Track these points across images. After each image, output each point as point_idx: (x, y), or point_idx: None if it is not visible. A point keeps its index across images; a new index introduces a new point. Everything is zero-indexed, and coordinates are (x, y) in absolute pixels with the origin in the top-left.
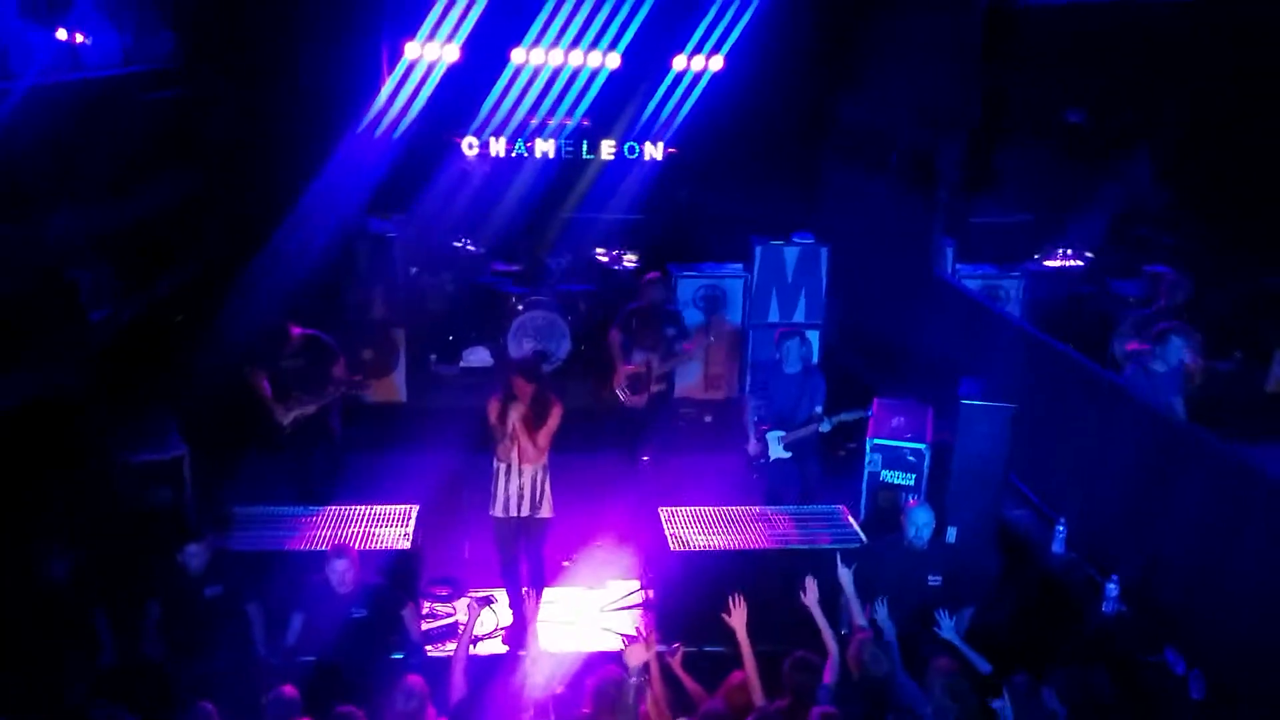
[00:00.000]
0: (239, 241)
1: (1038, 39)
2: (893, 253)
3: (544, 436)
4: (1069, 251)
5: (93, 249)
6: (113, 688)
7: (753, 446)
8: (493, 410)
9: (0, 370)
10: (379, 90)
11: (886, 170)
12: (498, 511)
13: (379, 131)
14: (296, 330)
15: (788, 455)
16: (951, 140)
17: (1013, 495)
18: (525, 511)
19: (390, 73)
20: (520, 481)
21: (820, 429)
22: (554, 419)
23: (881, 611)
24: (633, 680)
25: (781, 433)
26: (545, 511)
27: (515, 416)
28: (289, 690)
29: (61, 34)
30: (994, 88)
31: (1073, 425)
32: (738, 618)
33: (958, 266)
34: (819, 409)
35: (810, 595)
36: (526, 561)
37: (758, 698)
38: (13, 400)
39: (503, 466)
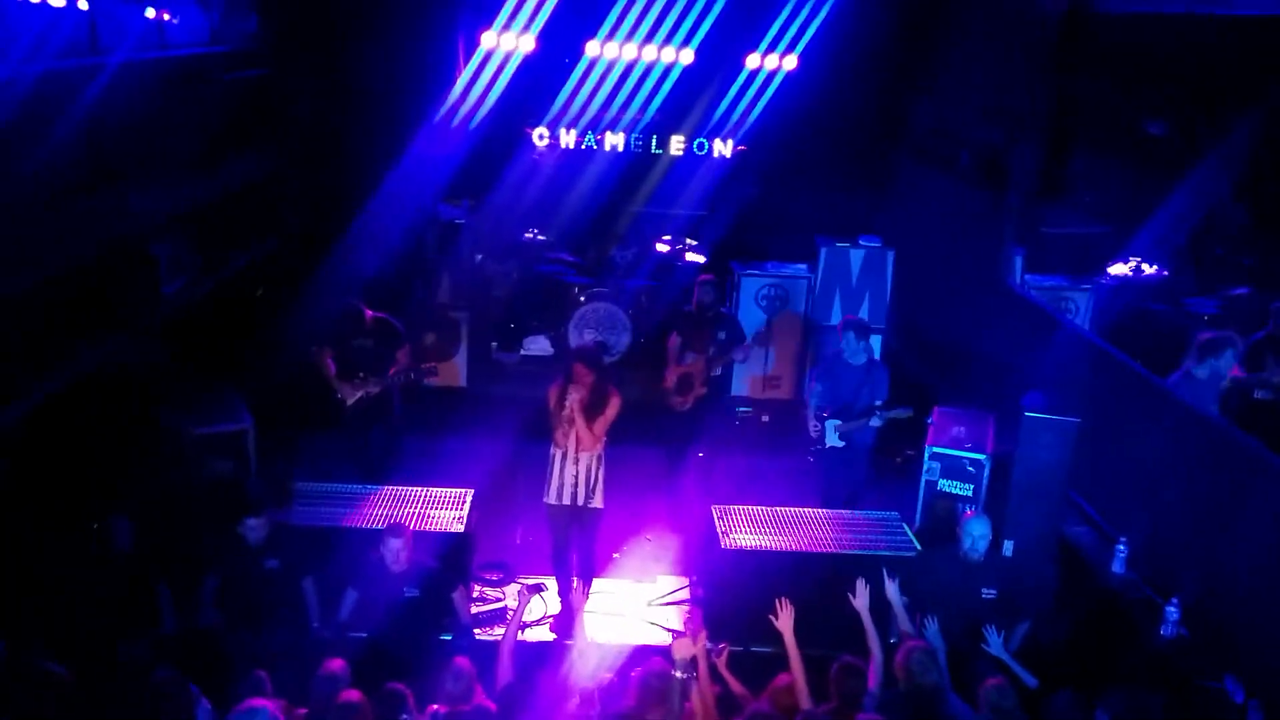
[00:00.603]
0: (315, 222)
1: (1115, 47)
2: (961, 259)
3: (600, 425)
4: (1141, 267)
5: (173, 223)
6: (171, 656)
7: (813, 427)
8: (553, 395)
9: (75, 339)
10: (455, 79)
11: (957, 173)
12: (551, 498)
13: (456, 121)
14: (369, 312)
15: (841, 444)
16: (1024, 146)
17: (1074, 511)
18: (580, 500)
19: (467, 62)
20: (576, 469)
21: (871, 422)
22: (612, 409)
23: (931, 628)
24: (679, 675)
25: (838, 421)
26: (597, 502)
27: (574, 402)
28: (337, 664)
29: (150, 12)
30: (1068, 95)
31: (1138, 443)
32: (785, 621)
33: (1026, 276)
34: (879, 402)
35: (860, 598)
36: (577, 551)
37: (804, 701)
38: (84, 369)
39: (559, 453)
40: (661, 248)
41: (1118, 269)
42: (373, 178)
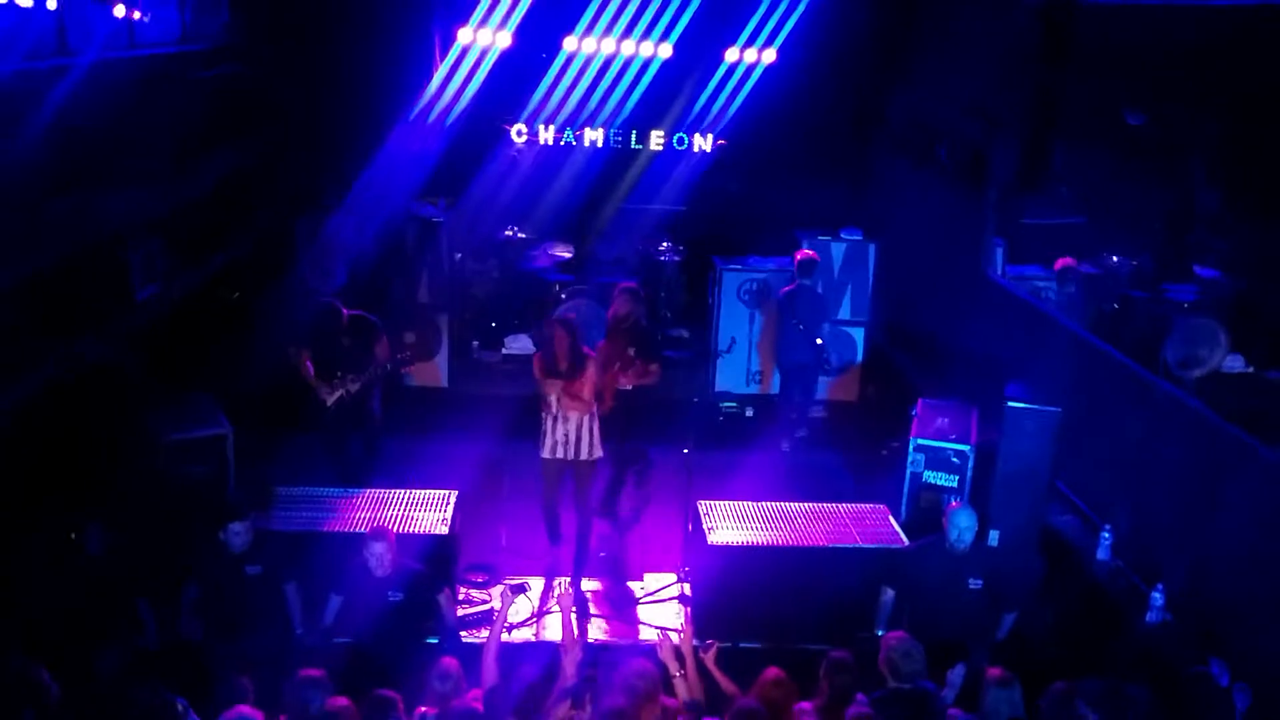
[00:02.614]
0: (290, 222)
1: (1094, 39)
2: (942, 251)
3: (585, 389)
4: (1119, 256)
5: (146, 226)
6: (151, 666)
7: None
8: (536, 363)
9: (46, 345)
10: (432, 75)
11: (937, 166)
12: (545, 453)
13: (431, 117)
14: (345, 311)
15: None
16: (1004, 138)
17: (1059, 500)
18: (573, 455)
19: (443, 58)
20: (566, 429)
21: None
22: (590, 373)
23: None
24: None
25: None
26: (595, 453)
27: (560, 353)
28: (315, 672)
29: (119, 10)
30: (1048, 86)
31: (1121, 430)
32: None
33: (1007, 267)
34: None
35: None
36: (575, 504)
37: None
38: (58, 375)
39: (549, 416)
40: (643, 244)
41: (1096, 258)
42: (349, 176)
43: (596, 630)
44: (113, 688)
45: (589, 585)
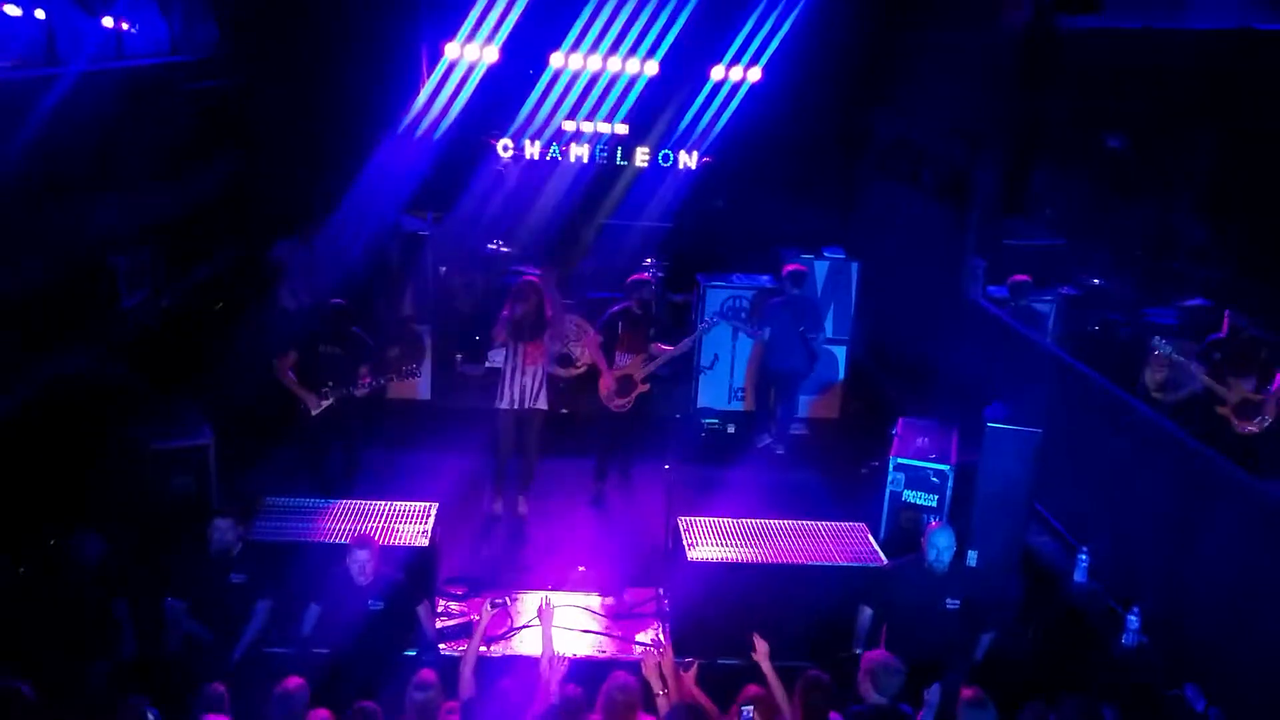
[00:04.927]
0: (277, 234)
1: (1078, 63)
2: (924, 271)
3: (540, 348)
4: (1101, 279)
5: (133, 235)
6: (134, 678)
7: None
8: (506, 309)
9: (31, 353)
10: (419, 90)
11: (919, 186)
12: (504, 404)
13: (419, 132)
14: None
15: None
16: (986, 160)
17: (1037, 522)
18: (526, 404)
19: (430, 73)
20: (524, 380)
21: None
22: (547, 333)
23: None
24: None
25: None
26: (541, 404)
27: (527, 313)
28: (295, 682)
29: (108, 22)
30: (1031, 109)
31: (1101, 453)
32: (762, 651)
33: (988, 288)
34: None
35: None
36: (522, 447)
37: None
38: (42, 383)
39: (509, 369)
40: (627, 260)
41: (1078, 280)
42: (336, 189)
43: (576, 645)
44: (99, 699)
45: (569, 601)
